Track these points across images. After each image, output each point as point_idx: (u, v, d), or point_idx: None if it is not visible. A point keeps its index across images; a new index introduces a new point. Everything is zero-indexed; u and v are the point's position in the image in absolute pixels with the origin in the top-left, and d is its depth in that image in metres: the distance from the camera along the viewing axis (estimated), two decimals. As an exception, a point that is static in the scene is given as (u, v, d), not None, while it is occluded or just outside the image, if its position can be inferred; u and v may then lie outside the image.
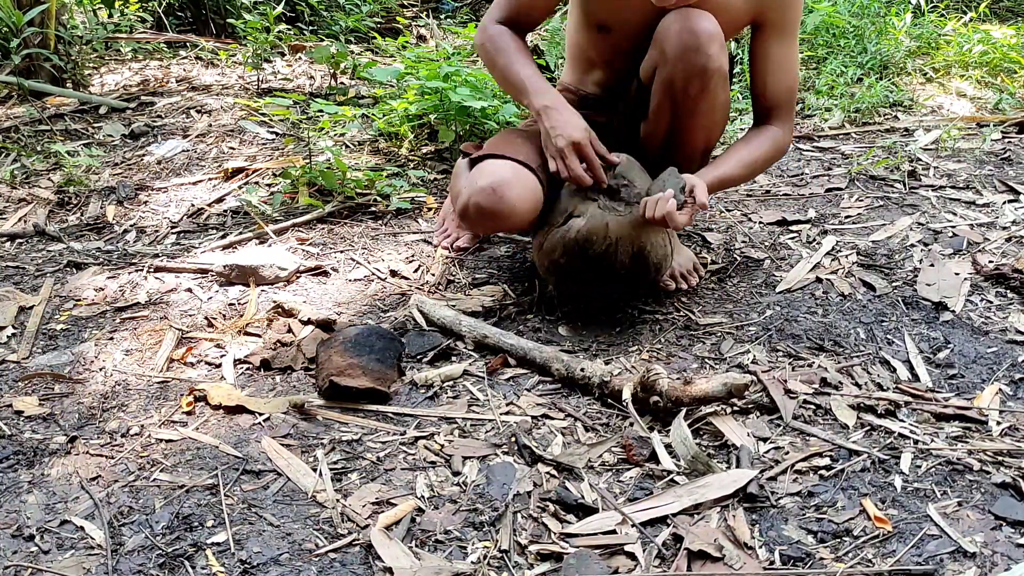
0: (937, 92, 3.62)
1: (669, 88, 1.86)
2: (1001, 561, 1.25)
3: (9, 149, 3.07)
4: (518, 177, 1.84)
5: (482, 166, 1.88)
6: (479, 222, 1.89)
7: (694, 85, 1.84)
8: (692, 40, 1.79)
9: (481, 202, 1.82)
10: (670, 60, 1.83)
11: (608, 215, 1.85)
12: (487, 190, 1.81)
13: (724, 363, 1.81)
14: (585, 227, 1.85)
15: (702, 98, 1.87)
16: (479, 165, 1.89)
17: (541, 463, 1.48)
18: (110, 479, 1.46)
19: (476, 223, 1.90)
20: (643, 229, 1.85)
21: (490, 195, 1.81)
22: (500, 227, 2.03)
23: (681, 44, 1.80)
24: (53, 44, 3.63)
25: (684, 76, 1.83)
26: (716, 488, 1.39)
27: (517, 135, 2.01)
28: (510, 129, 2.05)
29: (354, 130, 3.20)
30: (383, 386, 1.68)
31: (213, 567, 1.26)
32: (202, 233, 2.53)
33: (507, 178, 1.83)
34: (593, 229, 1.84)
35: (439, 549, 1.30)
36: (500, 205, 1.81)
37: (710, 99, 1.88)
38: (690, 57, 1.80)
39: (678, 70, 1.82)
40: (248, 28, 3.94)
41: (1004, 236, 2.30)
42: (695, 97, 1.87)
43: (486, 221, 1.88)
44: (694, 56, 1.80)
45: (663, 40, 1.83)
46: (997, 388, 1.69)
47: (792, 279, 2.14)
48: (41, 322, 2.01)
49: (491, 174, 1.84)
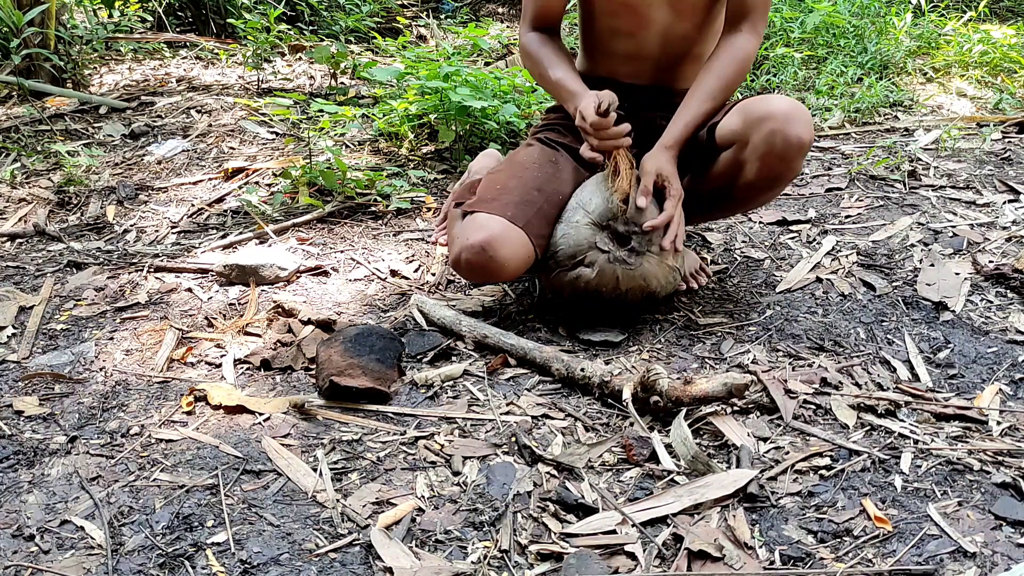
0: (937, 92, 3.62)
1: (736, 178, 1.91)
2: (1001, 561, 1.25)
3: (9, 149, 3.07)
4: (508, 235, 1.81)
5: (475, 218, 1.85)
6: (470, 276, 1.91)
7: (774, 188, 1.91)
8: (784, 150, 1.79)
9: (472, 259, 1.82)
10: (754, 158, 1.83)
11: (618, 267, 1.84)
12: (477, 248, 1.80)
13: (724, 363, 1.81)
14: (595, 279, 1.85)
15: (775, 192, 1.94)
16: (471, 217, 1.87)
17: (541, 463, 1.48)
18: (110, 479, 1.46)
19: (467, 276, 1.92)
20: (653, 275, 1.86)
21: (480, 253, 1.80)
22: (491, 281, 2.05)
23: (770, 147, 1.80)
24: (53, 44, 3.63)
25: (766, 178, 1.86)
26: (716, 488, 1.39)
27: (511, 176, 1.95)
28: (505, 168, 2.00)
29: (354, 130, 3.20)
30: (383, 386, 1.68)
31: (213, 567, 1.26)
32: (202, 233, 2.53)
33: (498, 235, 1.80)
34: (603, 281, 1.85)
35: (439, 549, 1.30)
36: (491, 264, 1.81)
37: (782, 189, 1.94)
38: (775, 165, 1.83)
39: (761, 172, 1.85)
40: (248, 28, 3.94)
41: (1004, 236, 2.30)
42: (769, 192, 1.94)
43: (477, 276, 1.89)
44: (780, 165, 1.82)
45: (752, 130, 1.82)
46: (997, 388, 1.69)
47: (792, 279, 2.14)
48: (41, 322, 2.01)
49: (482, 229, 1.82)
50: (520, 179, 1.93)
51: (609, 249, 1.84)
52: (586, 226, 1.86)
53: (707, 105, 1.89)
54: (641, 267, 1.84)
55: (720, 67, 1.90)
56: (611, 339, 1.90)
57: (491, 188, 1.92)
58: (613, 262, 1.84)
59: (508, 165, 2.01)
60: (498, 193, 1.89)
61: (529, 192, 1.90)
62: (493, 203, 1.86)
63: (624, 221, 1.84)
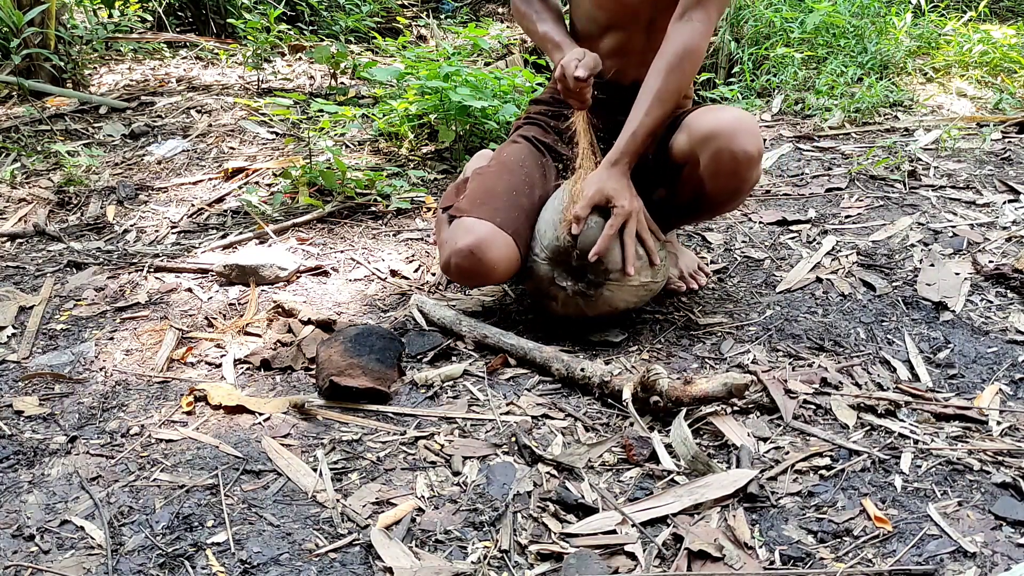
0: (937, 92, 3.62)
1: (700, 193, 1.90)
2: (1001, 561, 1.25)
3: (9, 149, 3.07)
4: (495, 239, 1.82)
5: (462, 223, 1.86)
6: (460, 280, 1.92)
7: (736, 198, 1.91)
8: (733, 167, 1.79)
9: (461, 264, 1.83)
10: (707, 175, 1.83)
11: (579, 299, 1.84)
12: (466, 252, 1.81)
13: (724, 363, 1.81)
14: (561, 309, 1.88)
15: (739, 200, 1.94)
16: (459, 221, 1.87)
17: (541, 463, 1.48)
18: (110, 479, 1.46)
19: (458, 280, 1.93)
20: (619, 299, 1.85)
21: (469, 257, 1.81)
22: (481, 284, 2.04)
23: (718, 165, 1.80)
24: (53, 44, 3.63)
25: (720, 192, 1.87)
26: (716, 488, 1.39)
27: (498, 179, 1.95)
28: (494, 170, 1.99)
29: (354, 130, 3.20)
30: (383, 386, 1.68)
31: (213, 567, 1.26)
32: (202, 233, 2.53)
33: (484, 238, 1.81)
34: (569, 311, 1.88)
35: (439, 549, 1.30)
36: (480, 267, 1.82)
37: (745, 196, 1.93)
38: (729, 182, 1.83)
39: (717, 188, 1.85)
40: (248, 28, 3.94)
41: (1004, 236, 2.29)
42: (733, 202, 1.94)
43: (467, 280, 1.91)
44: (733, 181, 1.83)
45: (699, 149, 1.81)
46: (997, 388, 1.69)
47: (792, 279, 2.14)
48: (41, 322, 2.01)
49: (470, 233, 1.82)
50: (507, 182, 1.93)
51: (566, 285, 1.84)
52: (543, 262, 1.85)
53: (655, 111, 1.82)
54: (602, 295, 1.83)
55: (666, 67, 1.81)
56: (611, 339, 1.90)
57: (479, 192, 1.92)
58: (574, 295, 1.83)
59: (496, 165, 2.00)
60: (485, 197, 1.89)
61: (515, 196, 1.90)
62: (481, 207, 1.87)
63: (576, 256, 1.81)
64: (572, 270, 1.83)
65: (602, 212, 1.81)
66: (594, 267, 1.79)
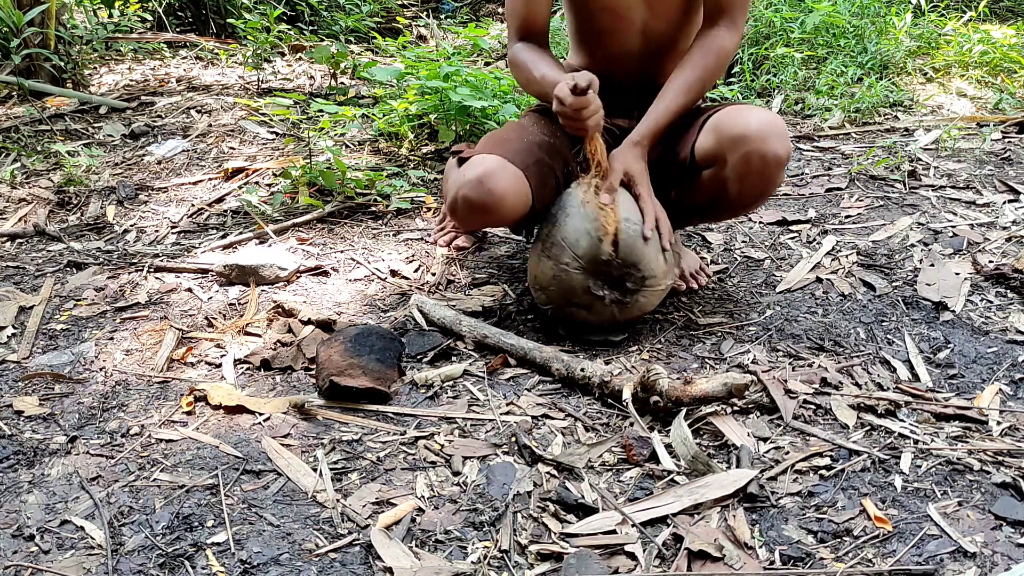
0: (937, 92, 3.62)
1: (722, 194, 1.89)
2: (1001, 561, 1.25)
3: (9, 149, 3.07)
4: (505, 169, 1.79)
5: (471, 160, 1.85)
6: (468, 216, 1.84)
7: (759, 201, 1.90)
8: (763, 169, 1.77)
9: (469, 194, 1.78)
10: (734, 177, 1.81)
11: (614, 307, 1.84)
12: (474, 181, 1.78)
13: (724, 363, 1.81)
14: (591, 316, 1.87)
15: (761, 203, 1.93)
16: (468, 161, 1.87)
17: (541, 463, 1.48)
18: (110, 479, 1.46)
19: (465, 218, 1.85)
20: (649, 304, 1.86)
21: (477, 186, 1.77)
22: (489, 221, 1.87)
23: (747, 167, 1.78)
24: (53, 44, 3.63)
25: (746, 194, 1.85)
26: (716, 488, 1.39)
27: (512, 132, 1.95)
28: (506, 127, 2.00)
29: (354, 130, 3.20)
30: (383, 386, 1.68)
31: (213, 567, 1.26)
32: (202, 233, 2.53)
33: (494, 169, 1.79)
34: (600, 319, 1.87)
35: (439, 549, 1.30)
36: (488, 197, 1.77)
37: (767, 199, 1.91)
38: (756, 184, 1.81)
39: (743, 190, 1.83)
40: (248, 28, 3.94)
41: (1004, 236, 2.30)
42: (755, 204, 1.93)
43: (475, 215, 1.82)
44: (761, 184, 1.81)
45: (728, 151, 1.79)
46: (997, 388, 1.69)
47: (792, 279, 2.14)
48: (41, 322, 2.01)
49: (478, 166, 1.80)
50: (520, 134, 1.92)
51: (603, 294, 1.82)
52: (576, 271, 1.81)
53: (680, 100, 1.87)
54: (637, 302, 1.84)
55: (695, 62, 1.87)
56: (611, 339, 1.90)
57: (488, 142, 1.91)
58: (610, 304, 1.83)
59: (509, 125, 2.00)
60: (497, 141, 1.89)
61: (530, 144, 1.88)
62: (492, 148, 1.85)
63: (617, 265, 1.79)
64: (611, 280, 1.81)
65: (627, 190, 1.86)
66: (632, 275, 1.80)
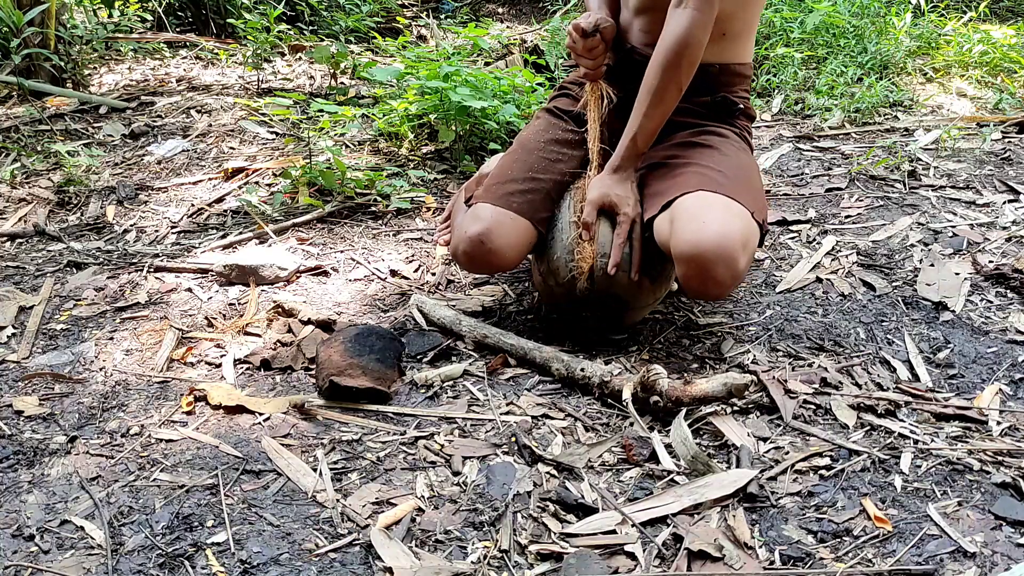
0: (937, 92, 3.62)
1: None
2: (1001, 561, 1.25)
3: (9, 149, 3.07)
4: (503, 225, 1.82)
5: (474, 209, 1.88)
6: (470, 268, 1.91)
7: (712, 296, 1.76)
8: (703, 294, 1.68)
9: (469, 251, 1.84)
10: (679, 274, 1.69)
11: (604, 326, 1.88)
12: (475, 240, 1.82)
13: (724, 363, 1.81)
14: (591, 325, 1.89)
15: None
16: (472, 208, 1.90)
17: (541, 463, 1.48)
18: (110, 479, 1.46)
19: (468, 268, 1.92)
20: (641, 313, 1.89)
21: (478, 245, 1.82)
22: (494, 271, 1.97)
23: (688, 283, 1.67)
24: (53, 44, 3.63)
25: (692, 295, 1.79)
26: (716, 488, 1.39)
27: (516, 159, 1.94)
28: (513, 150, 2.00)
29: (354, 130, 3.20)
30: (383, 386, 1.68)
31: (213, 567, 1.26)
32: (202, 233, 2.53)
33: (493, 227, 1.82)
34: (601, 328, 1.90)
35: (439, 549, 1.30)
36: (490, 255, 1.83)
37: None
38: (702, 296, 1.77)
39: (687, 287, 1.69)
40: (248, 28, 3.94)
41: (1004, 236, 2.30)
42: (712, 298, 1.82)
43: (477, 267, 1.90)
44: (706, 297, 1.77)
45: (675, 259, 1.67)
46: (997, 388, 1.69)
47: (792, 279, 2.14)
48: (41, 322, 2.01)
49: (479, 220, 1.84)
50: (524, 162, 1.94)
51: (587, 315, 1.86)
52: (561, 295, 1.85)
53: (655, 112, 1.78)
54: (621, 320, 1.89)
55: (662, 64, 1.75)
56: (611, 338, 1.90)
57: (497, 175, 1.95)
58: (597, 324, 1.88)
59: (516, 146, 2.03)
60: (503, 180, 1.91)
61: (532, 176, 1.91)
62: (495, 190, 1.89)
63: (595, 295, 1.80)
64: (592, 304, 1.83)
65: (608, 217, 1.82)
66: (610, 304, 1.82)
